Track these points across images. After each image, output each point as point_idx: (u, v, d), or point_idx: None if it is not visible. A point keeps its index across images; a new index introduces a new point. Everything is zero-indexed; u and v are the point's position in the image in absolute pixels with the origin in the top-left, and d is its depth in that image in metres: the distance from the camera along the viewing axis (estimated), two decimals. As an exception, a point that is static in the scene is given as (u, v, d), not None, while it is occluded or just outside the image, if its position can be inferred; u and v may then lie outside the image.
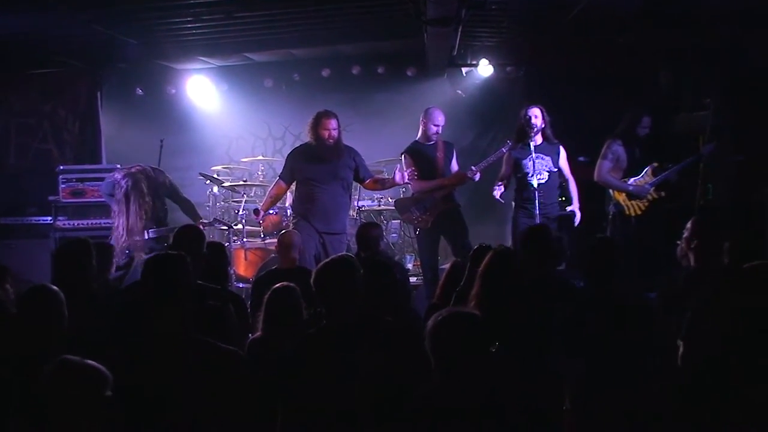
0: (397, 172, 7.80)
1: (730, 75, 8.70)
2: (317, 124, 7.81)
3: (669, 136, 9.28)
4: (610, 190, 8.22)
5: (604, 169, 8.11)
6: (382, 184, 8.31)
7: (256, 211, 8.11)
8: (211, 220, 8.29)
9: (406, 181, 7.80)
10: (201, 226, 7.87)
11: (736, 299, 3.37)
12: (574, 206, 7.98)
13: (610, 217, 8.22)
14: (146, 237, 7.91)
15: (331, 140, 7.78)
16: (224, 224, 8.82)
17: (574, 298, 4.94)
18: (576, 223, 7.90)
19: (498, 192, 7.86)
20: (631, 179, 8.09)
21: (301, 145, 8.31)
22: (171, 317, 3.49)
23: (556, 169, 7.90)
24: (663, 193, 8.05)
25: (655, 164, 8.09)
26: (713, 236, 5.26)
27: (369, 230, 7.16)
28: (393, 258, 9.07)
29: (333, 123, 7.79)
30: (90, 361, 2.92)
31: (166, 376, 3.37)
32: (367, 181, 8.19)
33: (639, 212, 8.07)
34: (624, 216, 8.08)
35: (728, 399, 3.06)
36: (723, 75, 8.81)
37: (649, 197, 8.05)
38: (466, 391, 3.25)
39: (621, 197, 8.12)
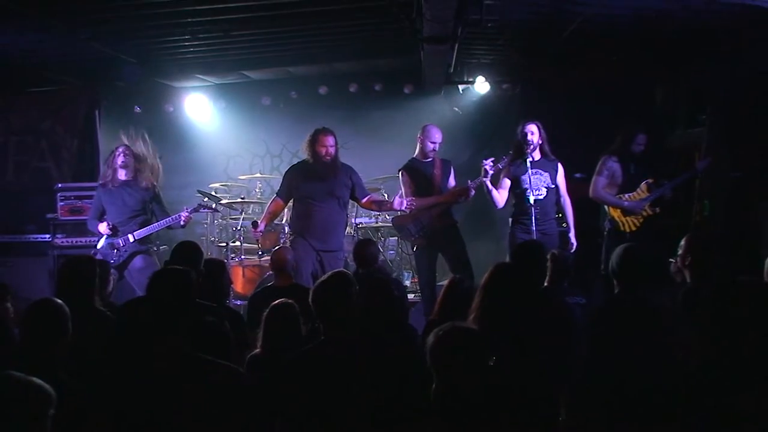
0: (396, 197, 7.80)
1: (726, 91, 8.73)
2: (314, 141, 7.83)
3: (665, 152, 9.33)
4: (605, 207, 8.24)
5: (599, 185, 8.13)
6: (379, 206, 8.32)
7: (255, 224, 8.09)
8: (195, 206, 8.17)
9: (404, 207, 7.78)
10: (187, 213, 7.90)
11: (722, 315, 3.41)
12: (571, 234, 7.96)
13: (605, 233, 8.23)
14: (131, 240, 7.87)
15: (328, 157, 7.80)
16: (209, 207, 8.72)
17: (563, 312, 4.99)
18: (573, 249, 7.86)
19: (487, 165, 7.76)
20: (626, 195, 8.11)
21: (298, 162, 8.31)
22: (171, 334, 3.49)
23: (554, 186, 7.90)
24: (658, 210, 8.06)
25: (650, 180, 8.11)
26: (708, 253, 5.29)
27: (365, 247, 7.18)
28: (390, 275, 9.08)
29: (330, 140, 7.80)
30: (34, 379, 2.87)
31: (164, 393, 3.37)
32: (364, 200, 8.18)
33: (634, 228, 8.07)
34: (619, 232, 8.09)
35: (723, 409, 3.09)
36: (718, 91, 8.84)
37: (644, 213, 8.06)
38: (464, 403, 3.27)
39: (616, 213, 8.14)
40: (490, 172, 7.67)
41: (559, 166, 7.98)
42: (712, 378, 3.21)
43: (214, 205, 8.83)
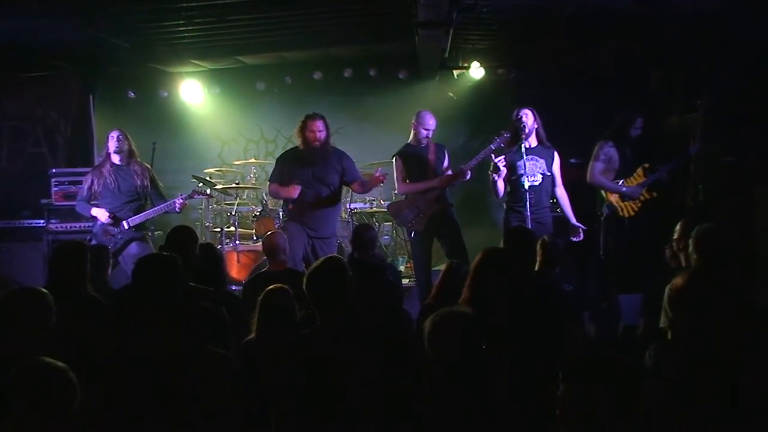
0: (376, 173, 7.87)
1: (721, 76, 8.73)
2: (303, 127, 7.85)
3: (660, 137, 9.34)
4: (603, 192, 8.24)
5: (596, 170, 8.14)
6: (364, 187, 8.26)
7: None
8: (190, 192, 8.15)
9: (378, 175, 7.82)
10: (182, 200, 7.88)
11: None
12: (573, 220, 7.91)
13: (603, 218, 8.24)
14: (126, 227, 7.84)
15: (317, 143, 7.80)
16: (204, 193, 8.71)
17: (561, 301, 5.00)
18: (581, 235, 7.85)
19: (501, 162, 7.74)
20: (622, 180, 8.12)
21: (290, 149, 8.33)
22: (162, 320, 3.49)
23: (549, 174, 7.88)
24: (655, 194, 8.08)
25: (646, 165, 8.13)
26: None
27: (364, 232, 7.19)
28: (385, 260, 9.09)
29: (318, 125, 7.80)
30: (62, 365, 2.88)
31: (158, 378, 3.38)
32: (353, 185, 8.22)
33: (632, 213, 8.10)
34: (617, 217, 8.11)
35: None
36: (713, 76, 8.84)
37: (642, 198, 8.08)
38: (463, 389, 3.29)
39: (614, 198, 8.15)
40: (503, 170, 7.68)
41: (556, 155, 7.94)
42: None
43: (208, 191, 8.81)
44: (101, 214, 7.79)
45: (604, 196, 8.27)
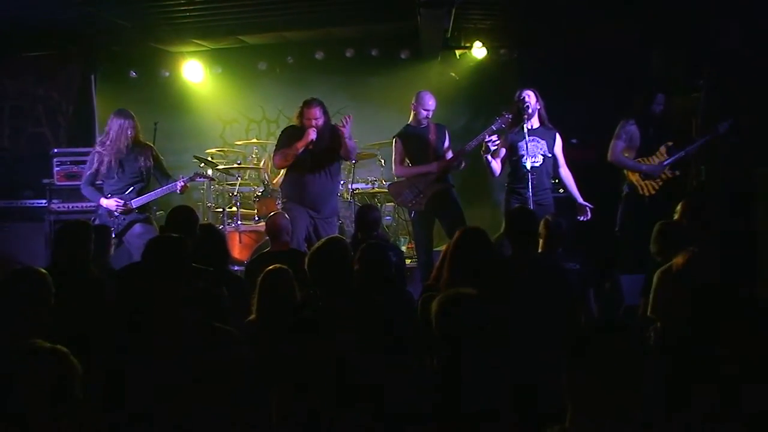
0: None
1: (724, 56, 8.70)
2: (301, 114, 7.85)
3: (662, 118, 9.31)
4: (624, 171, 8.20)
5: (617, 149, 8.09)
6: (346, 150, 7.99)
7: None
8: (192, 174, 8.13)
9: (345, 118, 7.78)
10: (183, 183, 7.86)
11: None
12: (581, 200, 7.92)
13: (623, 196, 8.20)
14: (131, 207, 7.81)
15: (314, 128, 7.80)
16: (206, 177, 8.69)
17: (566, 281, 5.01)
18: (589, 215, 7.86)
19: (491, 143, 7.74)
20: (646, 159, 8.08)
21: (291, 125, 8.23)
22: (170, 298, 3.50)
23: (550, 155, 7.87)
24: (678, 172, 8.05)
25: (670, 143, 8.08)
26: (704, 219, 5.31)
27: (368, 213, 7.20)
28: (389, 240, 9.10)
29: (314, 112, 7.77)
30: (61, 347, 2.89)
31: (164, 355, 3.39)
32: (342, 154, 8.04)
33: (653, 192, 8.05)
34: (638, 195, 8.08)
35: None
36: (716, 56, 8.81)
37: (663, 176, 8.04)
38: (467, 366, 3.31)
39: (635, 177, 8.11)
40: (492, 148, 7.68)
41: (558, 136, 7.93)
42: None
43: (210, 172, 8.80)
44: (111, 204, 7.73)
45: (625, 174, 8.22)
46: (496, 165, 7.82)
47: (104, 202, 7.76)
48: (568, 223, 7.11)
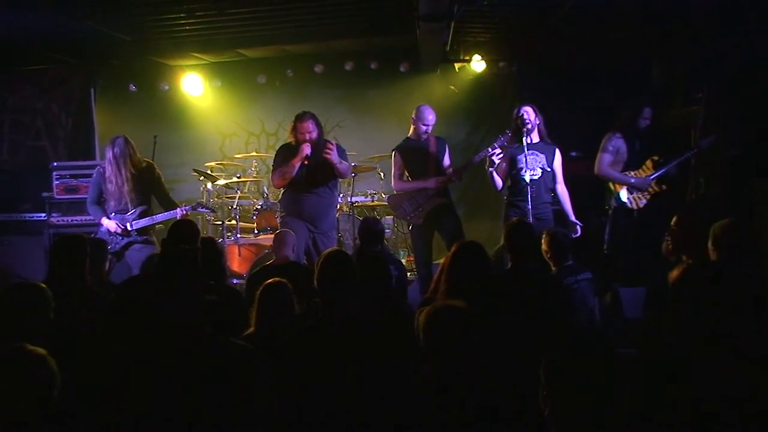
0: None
1: (723, 69, 8.72)
2: (294, 129, 7.83)
3: (661, 130, 9.32)
4: (611, 184, 8.20)
5: (604, 162, 8.09)
6: (338, 169, 7.90)
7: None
8: (194, 204, 8.15)
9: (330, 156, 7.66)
10: (183, 213, 7.85)
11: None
12: (572, 217, 7.91)
13: (611, 210, 8.21)
14: (130, 229, 7.79)
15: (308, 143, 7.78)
16: (207, 208, 8.72)
17: (563, 294, 5.00)
18: (578, 232, 7.84)
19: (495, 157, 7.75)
20: (632, 172, 8.09)
21: (286, 143, 8.22)
22: (188, 312, 3.48)
23: (549, 169, 7.87)
24: (664, 187, 8.04)
25: (656, 157, 8.08)
26: (701, 231, 5.28)
27: (374, 225, 7.20)
28: (393, 255, 9.09)
29: (308, 126, 7.76)
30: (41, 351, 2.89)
31: (176, 370, 3.37)
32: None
33: (641, 206, 8.07)
34: (626, 209, 8.08)
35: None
36: (716, 69, 8.83)
37: (651, 190, 8.05)
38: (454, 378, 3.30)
39: (622, 190, 8.12)
40: (497, 162, 7.68)
41: (557, 152, 7.92)
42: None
43: (211, 207, 8.81)
44: (112, 225, 7.72)
45: (612, 188, 8.22)
46: (498, 179, 7.83)
47: (105, 222, 7.76)
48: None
